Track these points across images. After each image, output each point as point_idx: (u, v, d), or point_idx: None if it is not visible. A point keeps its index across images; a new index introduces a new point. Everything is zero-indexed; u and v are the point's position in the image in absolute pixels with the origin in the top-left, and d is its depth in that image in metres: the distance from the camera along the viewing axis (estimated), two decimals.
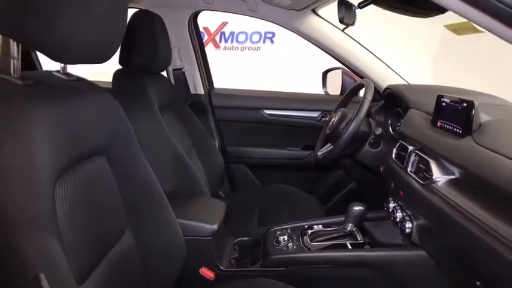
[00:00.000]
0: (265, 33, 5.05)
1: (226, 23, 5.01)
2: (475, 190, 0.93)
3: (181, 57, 1.98)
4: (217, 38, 5.10)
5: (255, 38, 5.12)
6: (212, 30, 5.05)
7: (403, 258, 1.23)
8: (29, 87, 0.75)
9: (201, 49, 2.06)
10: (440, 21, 1.18)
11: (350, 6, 1.21)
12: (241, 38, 5.13)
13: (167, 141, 1.45)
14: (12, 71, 0.74)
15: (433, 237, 1.10)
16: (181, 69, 1.99)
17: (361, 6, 1.19)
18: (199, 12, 1.98)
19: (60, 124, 0.76)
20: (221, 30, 5.08)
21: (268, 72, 4.82)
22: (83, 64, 0.79)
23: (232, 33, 5.10)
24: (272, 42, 5.10)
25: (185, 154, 1.49)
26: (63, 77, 0.89)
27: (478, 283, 0.94)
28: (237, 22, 4.99)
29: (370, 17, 1.56)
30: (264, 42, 5.12)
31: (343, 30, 1.74)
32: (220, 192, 1.97)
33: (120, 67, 1.46)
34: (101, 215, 0.90)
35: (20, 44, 0.74)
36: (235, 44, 5.15)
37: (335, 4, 1.52)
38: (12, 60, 0.74)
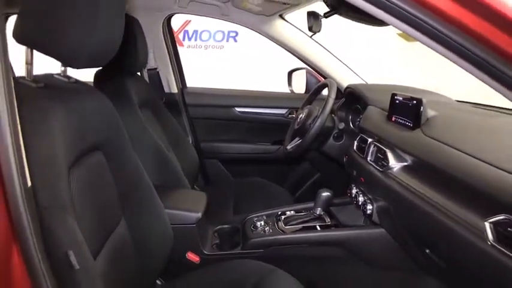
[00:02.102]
0: (229, 32, 5.13)
1: (190, 21, 5.03)
2: (425, 174, 1.11)
3: (156, 57, 2.06)
4: (180, 36, 5.12)
5: (219, 36, 5.19)
6: (175, 28, 5.06)
7: (365, 236, 1.40)
8: (41, 89, 0.84)
9: (174, 50, 2.14)
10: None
11: (317, 16, 1.36)
12: (205, 36, 5.18)
13: (149, 138, 1.53)
14: (26, 75, 0.83)
15: (390, 217, 1.27)
16: (155, 69, 2.07)
17: (326, 16, 1.34)
18: (173, 15, 2.06)
19: (70, 122, 0.85)
20: (184, 29, 5.11)
21: (232, 71, 4.91)
22: (88, 68, 0.89)
23: (195, 31, 5.14)
24: (235, 41, 5.19)
25: (166, 150, 1.59)
26: (64, 79, 0.98)
27: (427, 251, 1.12)
28: (200, 21, 5.02)
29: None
30: (227, 40, 5.21)
31: (311, 37, 1.90)
32: (195, 187, 2.07)
33: (99, 68, 1.52)
34: (101, 205, 1.00)
35: (33, 50, 0.83)
36: (198, 42, 5.19)
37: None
38: (26, 66, 0.83)
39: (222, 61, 5.11)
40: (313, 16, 1.35)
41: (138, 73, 1.90)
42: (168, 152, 1.64)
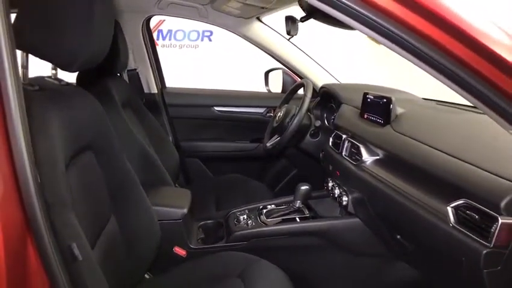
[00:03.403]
0: (203, 31, 5.15)
1: (164, 21, 5.02)
2: (395, 166, 1.22)
3: (135, 58, 2.09)
4: (154, 35, 5.09)
5: (193, 36, 5.20)
6: None
7: (342, 225, 1.50)
8: (37, 92, 0.88)
9: (153, 51, 2.17)
10: None
11: (294, 21, 1.44)
12: (179, 36, 5.18)
13: (133, 138, 1.57)
14: (22, 79, 0.86)
15: (364, 206, 1.38)
16: (135, 69, 2.10)
17: (302, 20, 1.43)
18: (152, 17, 2.10)
19: (65, 123, 0.90)
20: (158, 28, 5.09)
21: (207, 70, 4.94)
22: (80, 70, 0.93)
23: (170, 31, 5.13)
24: (210, 40, 5.22)
25: (149, 149, 1.64)
26: (56, 82, 1.02)
27: (398, 236, 1.23)
28: (175, 20, 5.02)
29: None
30: (202, 40, 5.22)
31: (288, 40, 1.99)
32: (176, 185, 2.12)
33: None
34: (93, 203, 1.04)
35: (28, 54, 0.86)
36: (173, 41, 5.19)
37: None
38: (22, 70, 0.87)
39: (197, 60, 5.12)
40: (290, 20, 1.44)
41: (118, 74, 1.93)
42: (150, 151, 1.68)
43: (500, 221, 0.77)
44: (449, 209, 0.90)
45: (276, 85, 2.33)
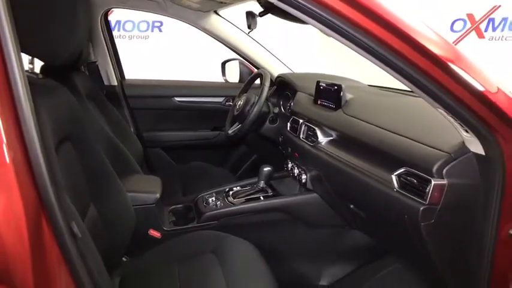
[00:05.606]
0: (153, 22, 5.07)
1: (112, 11, 4.88)
2: (347, 145, 1.39)
3: (95, 51, 2.09)
4: None
5: (143, 26, 5.10)
6: None
7: (301, 200, 1.66)
8: None
9: (112, 43, 2.19)
10: None
11: (254, 16, 1.56)
12: (128, 26, 5.06)
13: (100, 129, 1.61)
14: None
15: (321, 182, 1.54)
16: (95, 62, 2.11)
17: (261, 15, 1.54)
18: (110, 9, 2.11)
19: (47, 115, 0.95)
20: None
21: (159, 61, 4.89)
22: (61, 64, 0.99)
23: (118, 22, 4.99)
24: (160, 31, 5.16)
25: (116, 140, 1.69)
26: (33, 76, 1.06)
27: (351, 206, 1.41)
28: (123, 10, 4.89)
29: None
30: (152, 31, 5.15)
31: (248, 34, 2.11)
32: None
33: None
34: (74, 192, 1.10)
35: None
36: (122, 32, 5.06)
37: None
38: None
39: (148, 51, 5.05)
40: (250, 15, 1.55)
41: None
42: (117, 141, 1.73)
43: (433, 183, 0.95)
44: (393, 177, 1.08)
45: (233, 75, 2.42)
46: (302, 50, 4.56)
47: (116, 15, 4.91)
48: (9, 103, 0.65)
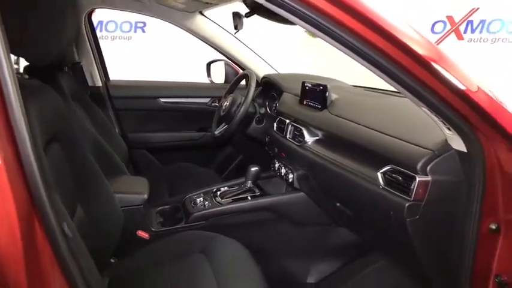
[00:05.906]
0: (136, 22, 5.05)
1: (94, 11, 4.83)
2: (333, 144, 1.41)
3: (79, 51, 2.07)
4: None
5: (126, 27, 5.08)
6: None
7: (288, 200, 1.68)
8: None
9: (96, 43, 2.17)
10: None
11: (240, 16, 1.56)
12: (111, 27, 5.03)
13: (86, 130, 1.60)
14: None
15: (308, 181, 1.56)
16: (79, 63, 2.08)
17: (247, 15, 1.55)
18: (94, 9, 2.09)
19: (35, 116, 0.94)
20: None
21: (142, 62, 4.86)
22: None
23: (100, 22, 4.95)
24: (144, 31, 5.13)
25: (102, 141, 1.67)
26: (18, 76, 1.04)
27: (338, 204, 1.43)
28: (105, 10, 4.84)
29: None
30: (135, 31, 5.12)
31: (234, 34, 2.12)
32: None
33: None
34: (63, 193, 1.09)
35: None
36: (104, 33, 5.02)
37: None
38: None
39: (131, 52, 5.01)
40: (237, 16, 1.55)
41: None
42: (103, 142, 1.71)
43: (418, 179, 0.98)
44: (379, 174, 1.11)
45: (218, 76, 2.41)
46: (285, 50, 4.60)
47: (97, 16, 4.86)
48: None
